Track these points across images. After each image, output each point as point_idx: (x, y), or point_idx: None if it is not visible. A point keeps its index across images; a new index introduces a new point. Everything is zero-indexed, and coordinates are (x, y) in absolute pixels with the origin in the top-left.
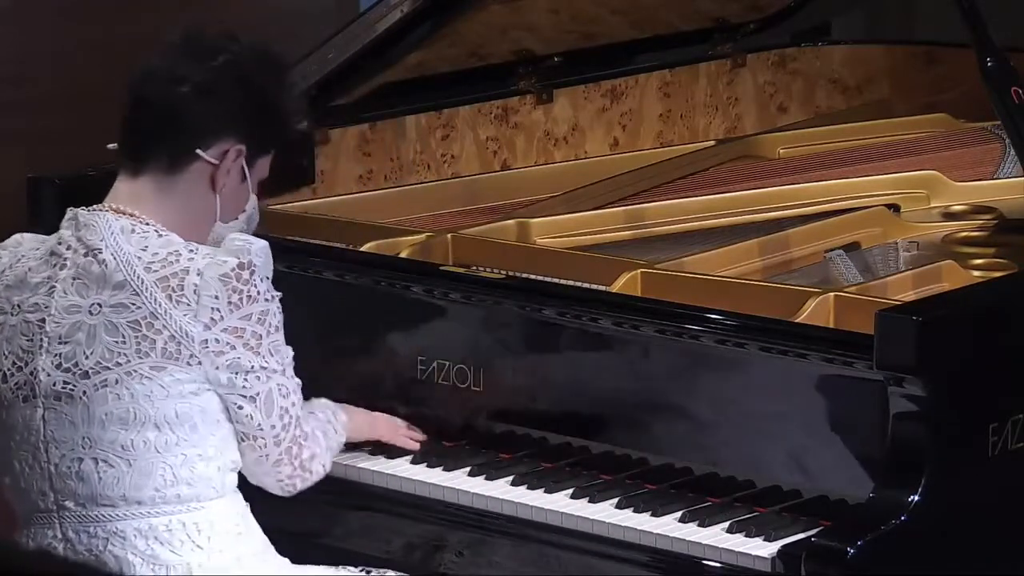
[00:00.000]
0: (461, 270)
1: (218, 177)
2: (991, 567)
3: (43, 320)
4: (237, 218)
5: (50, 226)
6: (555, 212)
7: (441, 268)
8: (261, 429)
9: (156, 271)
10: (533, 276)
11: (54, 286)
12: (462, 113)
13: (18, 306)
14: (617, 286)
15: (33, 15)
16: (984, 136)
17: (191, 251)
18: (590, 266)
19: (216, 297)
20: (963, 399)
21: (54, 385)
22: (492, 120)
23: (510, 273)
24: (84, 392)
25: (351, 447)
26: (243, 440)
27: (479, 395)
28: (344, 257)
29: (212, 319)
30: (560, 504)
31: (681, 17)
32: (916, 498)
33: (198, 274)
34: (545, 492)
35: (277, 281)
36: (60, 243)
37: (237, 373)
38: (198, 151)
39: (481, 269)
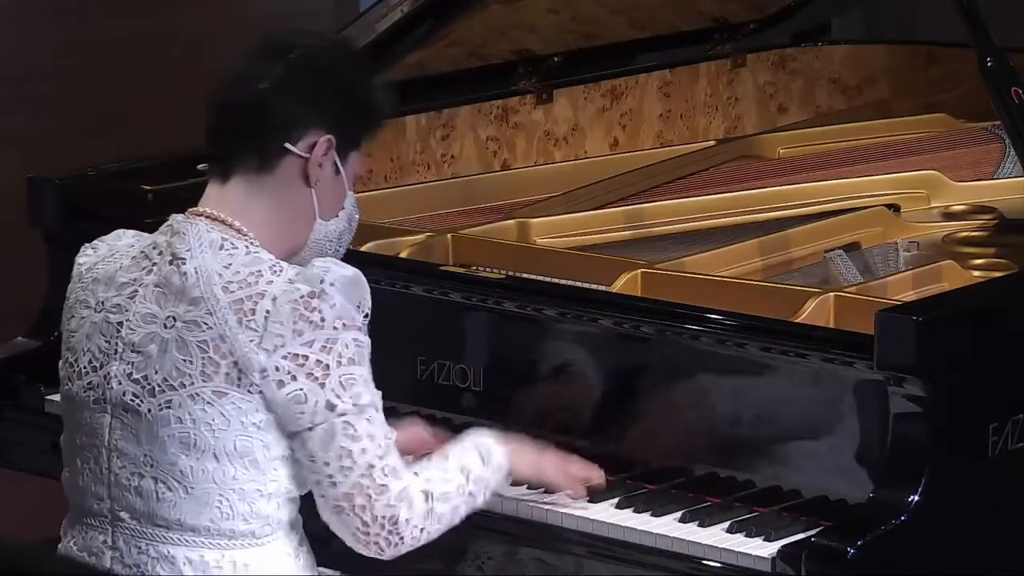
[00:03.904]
0: (461, 270)
1: (310, 170)
2: (991, 567)
3: (121, 324)
4: (338, 215)
5: (50, 226)
6: (555, 212)
7: (441, 268)
8: (313, 461)
9: (233, 292)
10: (533, 276)
11: (137, 290)
12: (462, 113)
13: (102, 303)
14: (617, 286)
15: (32, 15)
16: (984, 136)
17: (274, 272)
18: (590, 266)
19: (282, 323)
20: (963, 399)
21: (123, 395)
22: (492, 120)
23: (510, 273)
24: (149, 410)
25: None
26: (309, 476)
27: (479, 395)
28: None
29: (275, 345)
30: (561, 505)
31: (681, 17)
32: (916, 498)
33: (272, 300)
34: (546, 492)
35: None
36: (154, 247)
37: (299, 406)
38: (287, 145)
39: (481, 269)
